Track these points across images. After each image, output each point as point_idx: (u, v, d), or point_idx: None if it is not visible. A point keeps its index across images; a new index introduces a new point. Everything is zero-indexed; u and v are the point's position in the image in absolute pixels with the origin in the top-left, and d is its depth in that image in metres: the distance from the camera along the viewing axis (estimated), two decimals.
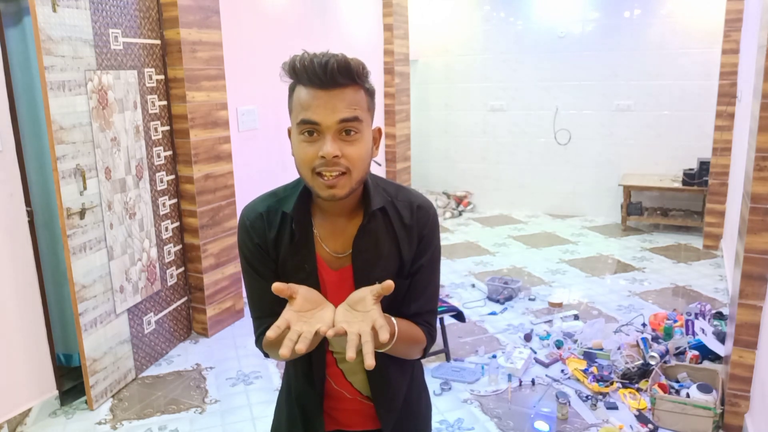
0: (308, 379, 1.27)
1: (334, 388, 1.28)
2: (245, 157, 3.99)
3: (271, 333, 0.94)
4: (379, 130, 1.17)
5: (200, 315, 3.66)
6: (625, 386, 2.98)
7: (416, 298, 1.21)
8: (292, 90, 1.09)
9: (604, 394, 2.93)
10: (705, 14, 5.67)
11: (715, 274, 4.65)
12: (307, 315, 1.00)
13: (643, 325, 3.64)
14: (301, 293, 1.02)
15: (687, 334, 3.37)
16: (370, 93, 1.11)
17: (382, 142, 5.82)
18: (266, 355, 1.23)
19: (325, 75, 1.02)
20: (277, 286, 0.99)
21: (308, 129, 1.05)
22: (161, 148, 3.33)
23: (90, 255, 2.83)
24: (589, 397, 2.91)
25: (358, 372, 1.26)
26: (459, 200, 6.88)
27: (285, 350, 0.92)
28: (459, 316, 3.20)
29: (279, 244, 1.18)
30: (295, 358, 0.98)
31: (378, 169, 5.77)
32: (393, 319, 1.13)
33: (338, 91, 1.04)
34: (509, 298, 4.19)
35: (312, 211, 1.19)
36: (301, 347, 0.92)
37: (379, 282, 1.12)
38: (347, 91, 1.05)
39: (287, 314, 0.98)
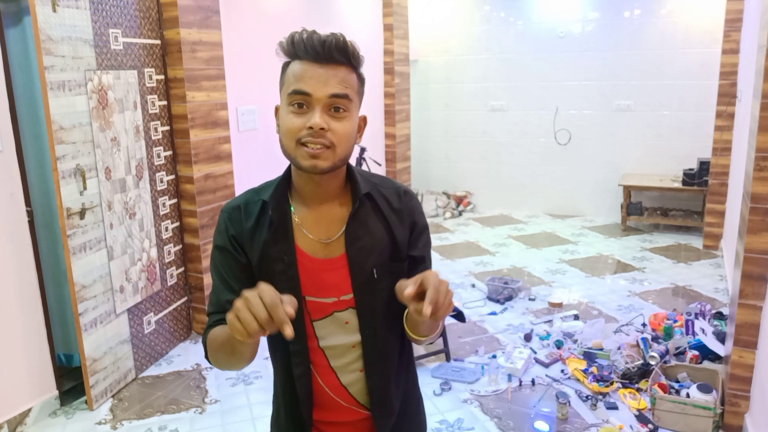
0: (293, 379, 1.21)
1: (328, 395, 1.22)
2: (245, 157, 3.99)
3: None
4: (365, 118, 1.17)
5: (200, 315, 3.66)
6: (625, 386, 2.98)
7: None
8: (285, 66, 1.11)
9: (604, 394, 2.93)
10: (705, 14, 5.67)
11: (715, 274, 4.65)
12: None
13: (643, 325, 3.64)
14: None
15: (687, 334, 3.37)
16: (361, 79, 1.13)
17: (382, 140, 5.88)
18: (206, 356, 1.18)
19: (322, 49, 1.04)
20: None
21: (299, 100, 1.06)
22: (161, 148, 3.33)
23: (90, 255, 2.83)
24: (589, 397, 2.91)
25: (359, 381, 1.22)
26: (459, 200, 6.88)
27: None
28: (459, 316, 3.18)
29: (256, 234, 1.16)
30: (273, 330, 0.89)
31: (378, 169, 5.77)
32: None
33: (333, 67, 1.06)
34: (509, 298, 4.19)
35: (292, 200, 1.18)
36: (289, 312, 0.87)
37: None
38: (341, 69, 1.07)
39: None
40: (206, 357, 1.20)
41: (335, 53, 1.05)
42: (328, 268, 1.16)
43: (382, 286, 1.16)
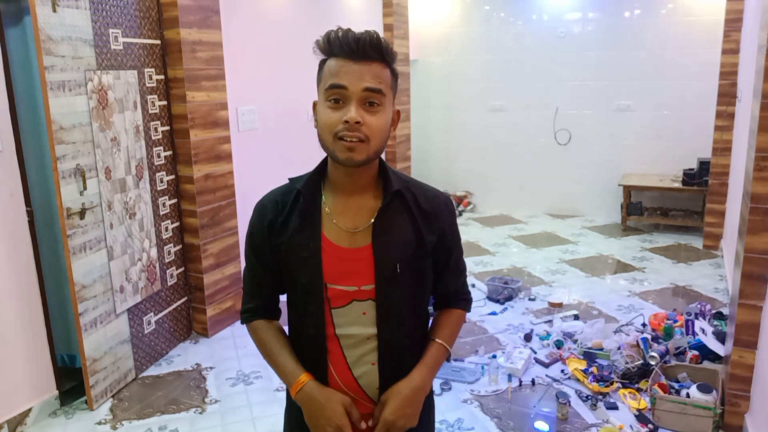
0: (308, 363, 1.25)
1: (338, 385, 1.24)
2: (245, 157, 3.99)
3: None
4: (398, 112, 1.22)
5: (200, 315, 3.66)
6: (625, 386, 2.98)
7: (453, 280, 1.33)
8: (322, 64, 1.16)
9: (604, 394, 2.93)
10: (705, 14, 5.67)
11: (715, 274, 4.65)
12: None
13: (643, 325, 3.64)
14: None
15: (687, 334, 3.37)
16: (395, 75, 1.18)
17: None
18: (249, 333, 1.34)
19: (357, 46, 1.10)
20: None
21: (335, 95, 1.11)
22: (161, 148, 3.33)
23: (90, 255, 2.83)
24: (589, 397, 2.91)
25: (369, 373, 1.23)
26: (459, 200, 6.88)
27: None
28: None
29: (287, 224, 1.22)
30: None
31: None
32: (439, 341, 1.28)
33: (367, 64, 1.11)
34: (509, 298, 4.19)
35: (325, 190, 1.24)
36: None
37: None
38: (375, 65, 1.12)
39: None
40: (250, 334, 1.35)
41: (369, 50, 1.10)
42: (352, 257, 1.20)
43: (403, 281, 1.21)
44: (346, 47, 1.10)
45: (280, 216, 1.23)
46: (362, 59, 1.10)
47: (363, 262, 1.19)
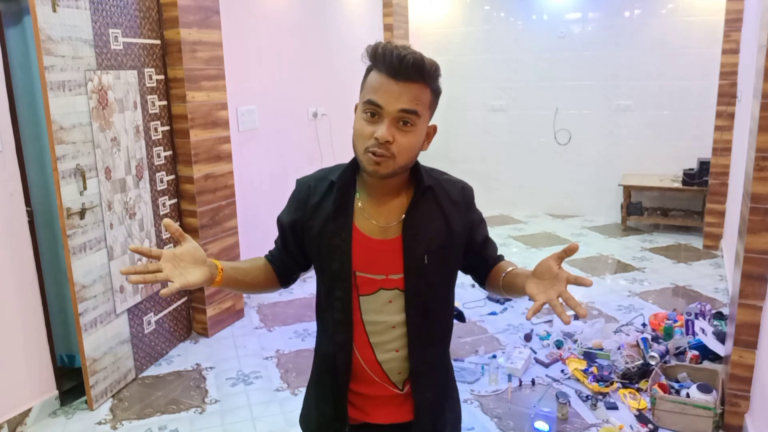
0: (335, 345, 1.30)
1: (363, 368, 1.29)
2: (245, 157, 3.99)
3: (132, 247, 1.10)
4: (434, 128, 1.27)
5: (200, 315, 3.66)
6: (625, 386, 2.98)
7: (493, 254, 1.41)
8: (368, 71, 1.19)
9: (604, 394, 2.93)
10: (705, 14, 5.68)
11: (715, 274, 4.65)
12: (181, 264, 1.12)
13: (643, 325, 3.64)
14: (188, 247, 1.14)
15: (687, 334, 3.38)
16: (436, 93, 1.21)
17: None
18: None
19: (400, 66, 1.12)
20: (168, 222, 1.11)
21: (371, 110, 1.15)
22: (161, 148, 3.33)
23: (90, 255, 2.83)
24: (589, 397, 2.91)
25: (393, 360, 1.28)
26: None
27: (134, 277, 1.06)
28: (459, 316, 3.20)
29: (319, 210, 1.28)
30: (136, 282, 1.07)
31: None
32: (516, 268, 1.35)
33: (406, 85, 1.13)
34: (509, 298, 4.19)
35: (359, 185, 1.28)
36: (137, 279, 1.05)
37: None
38: (414, 87, 1.14)
39: (165, 250, 1.11)
40: None
41: (411, 72, 1.12)
42: (381, 248, 1.25)
43: (431, 272, 1.26)
44: (389, 65, 1.12)
45: (312, 200, 1.29)
46: (403, 80, 1.12)
47: (392, 253, 1.24)
